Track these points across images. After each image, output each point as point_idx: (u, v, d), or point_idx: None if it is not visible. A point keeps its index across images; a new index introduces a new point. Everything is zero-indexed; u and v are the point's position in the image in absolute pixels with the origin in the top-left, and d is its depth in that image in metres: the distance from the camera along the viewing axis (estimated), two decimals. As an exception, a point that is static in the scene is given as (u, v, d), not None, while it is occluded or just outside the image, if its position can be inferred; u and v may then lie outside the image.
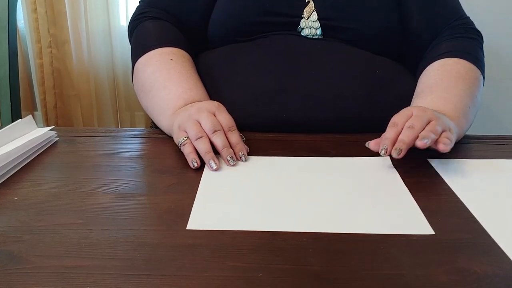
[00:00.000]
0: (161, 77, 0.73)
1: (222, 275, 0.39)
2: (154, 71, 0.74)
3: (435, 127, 0.59)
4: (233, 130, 0.64)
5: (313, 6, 0.78)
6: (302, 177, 0.58)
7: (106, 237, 0.44)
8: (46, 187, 0.54)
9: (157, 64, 0.74)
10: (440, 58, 0.77)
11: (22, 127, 0.67)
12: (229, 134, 0.63)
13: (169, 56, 0.75)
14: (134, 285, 0.38)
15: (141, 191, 0.54)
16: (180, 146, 0.62)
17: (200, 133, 0.61)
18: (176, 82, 0.72)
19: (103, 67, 2.08)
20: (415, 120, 0.59)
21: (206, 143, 0.60)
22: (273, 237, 0.45)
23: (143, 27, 0.81)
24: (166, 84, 0.72)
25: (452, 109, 0.68)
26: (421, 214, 0.50)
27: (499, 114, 1.83)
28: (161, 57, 0.75)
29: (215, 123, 0.62)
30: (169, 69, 0.73)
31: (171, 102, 0.70)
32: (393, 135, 0.59)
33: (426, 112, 0.61)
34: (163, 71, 0.73)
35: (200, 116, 0.63)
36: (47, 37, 2.01)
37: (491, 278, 0.39)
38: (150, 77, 0.74)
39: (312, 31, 0.78)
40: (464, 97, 0.71)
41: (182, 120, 0.64)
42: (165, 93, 0.71)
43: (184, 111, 0.66)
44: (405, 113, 0.62)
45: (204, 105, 0.65)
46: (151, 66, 0.75)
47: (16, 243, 0.43)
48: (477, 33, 0.82)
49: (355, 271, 0.40)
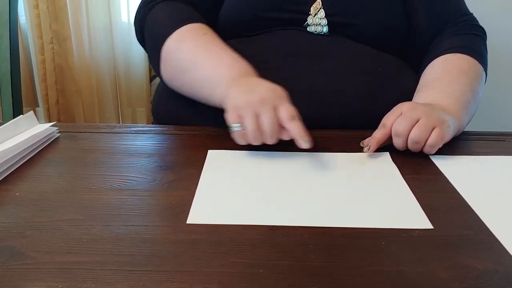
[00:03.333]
0: (203, 51, 0.70)
1: (223, 271, 0.39)
2: (191, 47, 0.70)
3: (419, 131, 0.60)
4: (293, 120, 0.59)
5: (320, 3, 0.78)
6: (303, 172, 0.58)
7: (108, 233, 0.44)
8: (47, 183, 0.55)
9: (192, 40, 0.71)
10: (443, 54, 0.77)
11: (23, 123, 0.67)
12: (288, 125, 0.59)
13: (201, 30, 0.72)
14: (136, 280, 0.38)
15: (143, 187, 0.54)
16: (230, 129, 0.61)
17: (257, 132, 0.59)
18: (221, 53, 0.69)
19: (105, 63, 2.08)
20: (401, 121, 0.62)
21: (259, 142, 0.60)
22: (274, 232, 0.45)
23: (159, 11, 0.77)
24: (210, 55, 0.69)
25: (452, 103, 0.68)
26: (420, 208, 0.50)
27: (500, 110, 1.83)
28: (192, 32, 0.72)
29: (272, 124, 0.59)
30: (207, 42, 0.70)
31: (224, 73, 0.67)
32: (380, 137, 0.63)
33: (416, 110, 0.62)
34: (202, 45, 0.70)
35: (262, 110, 0.59)
36: (48, 33, 2.01)
37: (492, 275, 0.39)
38: (188, 53, 0.70)
39: (319, 28, 0.78)
40: (465, 91, 0.71)
41: (241, 103, 0.60)
42: (213, 65, 0.68)
43: (245, 89, 0.62)
44: (395, 113, 0.64)
45: (268, 94, 0.61)
46: (185, 42, 0.71)
47: (17, 238, 0.43)
48: (481, 29, 0.82)
49: (355, 267, 0.40)
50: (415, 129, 0.61)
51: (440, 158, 0.63)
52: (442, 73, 0.74)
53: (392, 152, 0.64)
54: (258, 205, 0.50)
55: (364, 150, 0.63)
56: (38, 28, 2.01)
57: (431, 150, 0.62)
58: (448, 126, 0.62)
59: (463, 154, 0.65)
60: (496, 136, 0.72)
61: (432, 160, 0.62)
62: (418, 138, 0.61)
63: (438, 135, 0.61)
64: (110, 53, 2.07)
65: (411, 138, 0.61)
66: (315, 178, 0.57)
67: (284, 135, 0.60)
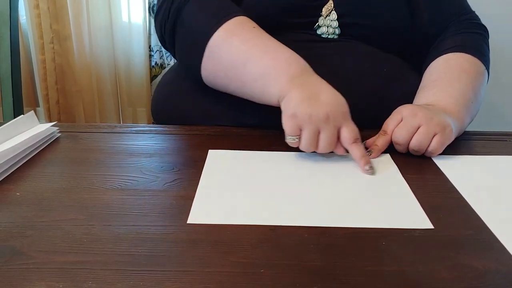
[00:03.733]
0: (256, 46, 0.66)
1: (224, 270, 0.39)
2: (243, 41, 0.66)
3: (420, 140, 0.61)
4: (356, 142, 0.60)
5: (332, 5, 0.77)
6: (303, 172, 0.58)
7: (108, 232, 0.44)
8: (48, 183, 0.55)
9: (242, 34, 0.67)
10: (444, 53, 0.77)
11: (24, 123, 0.67)
12: (353, 147, 0.59)
13: (249, 24, 0.68)
14: (136, 280, 0.38)
15: (143, 187, 0.54)
16: (285, 137, 0.60)
17: (312, 148, 0.59)
18: (277, 48, 0.66)
19: (105, 63, 2.08)
20: (401, 131, 0.62)
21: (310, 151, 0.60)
22: (275, 232, 0.45)
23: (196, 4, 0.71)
24: (266, 49, 0.65)
25: (453, 103, 0.68)
26: (420, 208, 0.50)
27: (502, 110, 1.82)
28: (242, 26, 0.68)
29: (331, 144, 0.59)
30: (259, 36, 0.67)
31: (282, 67, 0.64)
32: (382, 145, 0.63)
33: (417, 116, 0.62)
34: (254, 39, 0.66)
35: (324, 129, 0.58)
36: (49, 33, 2.01)
37: (493, 275, 0.39)
38: (240, 48, 0.66)
39: (330, 30, 0.77)
40: (467, 91, 0.71)
41: (302, 115, 0.58)
42: (269, 60, 0.64)
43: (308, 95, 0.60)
44: (395, 118, 0.64)
45: (333, 112, 0.59)
46: (235, 36, 0.66)
47: (18, 238, 0.43)
48: (483, 28, 0.82)
49: (356, 267, 0.40)
50: (416, 138, 0.61)
51: (441, 158, 0.63)
52: (443, 72, 0.74)
53: (392, 152, 0.64)
54: (258, 205, 0.50)
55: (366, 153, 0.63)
56: (38, 28, 2.01)
57: (431, 155, 0.63)
58: (450, 130, 0.63)
59: (464, 154, 0.65)
60: (497, 136, 0.72)
61: (433, 160, 0.62)
62: (418, 147, 0.61)
63: (438, 142, 0.61)
64: (111, 53, 2.07)
65: (411, 147, 0.62)
66: (315, 178, 0.57)
67: (339, 150, 0.61)
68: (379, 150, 0.63)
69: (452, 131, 0.63)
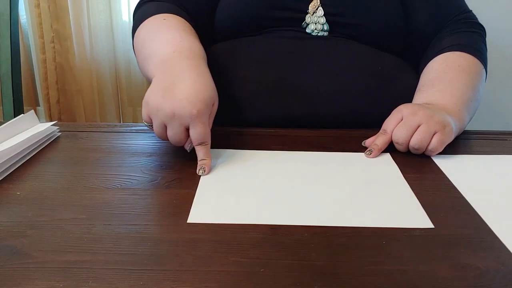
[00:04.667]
0: (151, 32, 0.70)
1: (224, 270, 0.39)
2: (146, 30, 0.72)
3: (420, 139, 0.61)
4: (205, 145, 0.58)
5: (318, 1, 0.78)
6: (303, 172, 0.58)
7: (109, 232, 0.44)
8: (48, 182, 0.55)
9: (149, 25, 0.72)
10: (442, 52, 0.77)
11: (24, 122, 0.67)
12: (198, 148, 0.58)
13: (162, 17, 0.72)
14: (136, 280, 0.38)
15: (143, 186, 0.54)
16: (145, 125, 0.61)
17: (163, 138, 0.59)
18: (167, 31, 0.68)
19: (105, 63, 2.08)
20: (402, 130, 0.62)
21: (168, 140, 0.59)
22: (275, 231, 0.45)
23: (144, 7, 0.78)
24: (155, 35, 0.68)
25: (453, 102, 0.68)
26: (420, 207, 0.50)
27: (502, 109, 1.82)
28: (154, 19, 0.72)
29: (179, 140, 0.58)
30: (161, 25, 0.71)
31: (158, 49, 0.65)
32: (382, 144, 0.63)
33: (417, 115, 0.62)
34: (154, 28, 0.71)
35: (170, 124, 0.57)
36: (49, 32, 2.01)
37: (494, 274, 0.39)
38: (142, 37, 0.72)
39: (318, 26, 0.78)
40: (466, 90, 0.71)
41: (152, 105, 0.57)
42: (153, 42, 0.67)
43: (165, 83, 0.58)
44: (395, 117, 0.64)
45: (180, 112, 0.55)
46: (143, 28, 0.73)
47: (19, 238, 0.43)
48: (480, 27, 0.82)
49: (357, 266, 0.40)
50: (416, 136, 0.61)
51: (441, 157, 0.63)
52: (442, 71, 0.74)
53: (393, 151, 0.64)
54: (259, 205, 0.50)
55: (365, 153, 0.63)
56: (39, 28, 2.01)
57: (431, 154, 0.63)
58: (450, 129, 0.63)
59: (464, 153, 0.65)
60: (497, 135, 0.72)
61: (433, 159, 0.62)
62: (418, 146, 0.61)
63: (438, 141, 0.61)
64: (111, 52, 2.07)
65: (411, 145, 0.62)
66: (316, 177, 0.57)
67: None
68: (379, 149, 0.63)
69: (452, 129, 0.63)
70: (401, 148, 0.63)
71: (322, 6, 0.77)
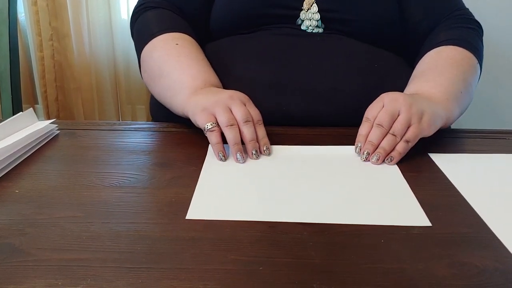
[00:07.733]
0: (170, 60, 0.72)
1: (223, 268, 0.39)
2: (161, 55, 0.73)
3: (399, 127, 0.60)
4: (261, 123, 0.63)
5: None
6: (303, 170, 0.58)
7: (107, 230, 0.44)
8: (47, 180, 0.55)
9: (162, 50, 0.74)
10: (436, 47, 0.77)
11: (23, 120, 0.67)
12: (257, 127, 0.62)
13: (174, 41, 0.74)
14: (135, 278, 0.38)
15: (142, 184, 0.54)
16: (205, 131, 0.61)
17: (231, 120, 0.60)
18: (188, 63, 0.71)
19: (104, 60, 2.08)
20: (384, 115, 0.61)
21: (237, 133, 0.59)
22: (274, 229, 0.45)
23: (144, 17, 0.80)
24: (176, 66, 0.71)
25: (441, 91, 0.68)
26: (419, 206, 0.50)
27: (500, 108, 1.82)
28: (165, 42, 0.74)
29: (247, 113, 0.61)
30: (178, 52, 0.72)
31: (188, 82, 0.69)
32: (366, 131, 0.62)
33: (397, 102, 0.61)
34: (171, 55, 0.72)
35: (233, 104, 0.61)
36: (48, 30, 2.00)
37: (492, 272, 0.39)
38: (157, 61, 0.73)
39: (313, 23, 0.78)
40: (457, 81, 0.70)
41: (210, 104, 0.62)
42: (178, 74, 0.70)
43: (211, 94, 0.64)
44: (377, 105, 0.63)
45: (235, 93, 0.64)
46: (156, 51, 0.74)
47: (17, 236, 0.43)
48: (477, 23, 0.82)
49: (355, 264, 0.40)
50: (394, 125, 0.60)
51: (439, 156, 0.63)
52: (433, 64, 0.74)
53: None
54: (257, 202, 0.50)
55: (361, 158, 0.61)
56: (37, 25, 2.00)
57: (406, 146, 0.60)
58: (428, 119, 0.61)
59: (462, 152, 0.65)
60: (495, 134, 0.72)
61: (431, 158, 0.62)
62: (397, 134, 0.60)
63: (412, 134, 0.60)
64: (110, 50, 2.07)
65: (391, 132, 0.60)
66: (315, 175, 0.57)
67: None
68: (365, 139, 0.61)
69: (429, 120, 0.61)
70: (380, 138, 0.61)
71: (316, 3, 0.77)
